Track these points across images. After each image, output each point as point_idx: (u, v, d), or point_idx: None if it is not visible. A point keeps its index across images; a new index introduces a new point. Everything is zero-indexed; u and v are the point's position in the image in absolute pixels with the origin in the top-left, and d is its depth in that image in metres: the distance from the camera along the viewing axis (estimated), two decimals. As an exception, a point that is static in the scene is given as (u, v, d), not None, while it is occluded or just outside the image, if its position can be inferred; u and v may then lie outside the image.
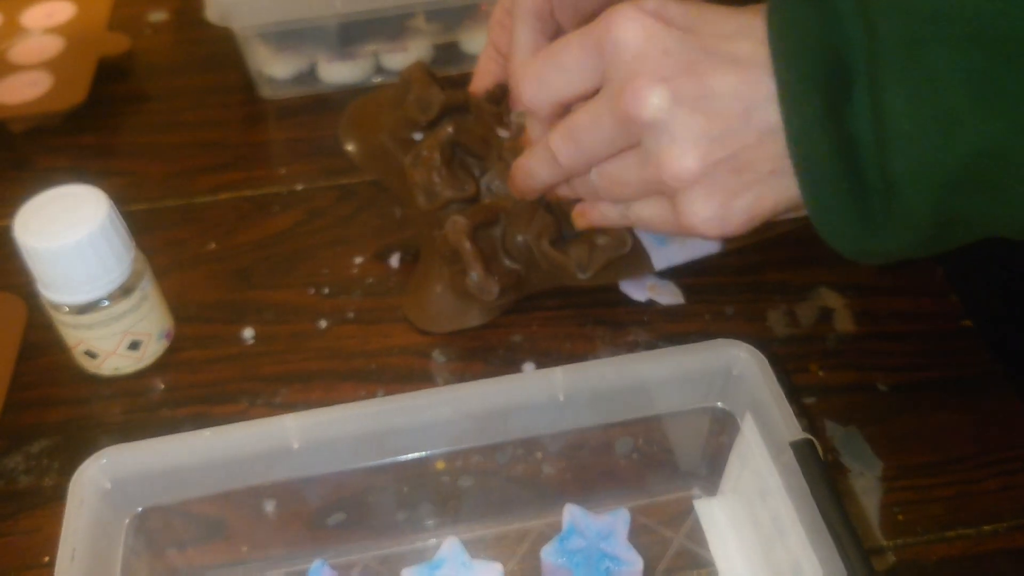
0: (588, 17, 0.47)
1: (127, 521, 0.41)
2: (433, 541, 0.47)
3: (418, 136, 0.61)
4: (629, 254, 0.55)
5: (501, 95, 0.58)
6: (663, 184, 0.41)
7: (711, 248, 0.57)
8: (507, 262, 0.55)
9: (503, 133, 0.56)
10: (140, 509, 0.42)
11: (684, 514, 0.47)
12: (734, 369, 0.43)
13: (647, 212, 0.44)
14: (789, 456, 0.40)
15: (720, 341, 0.44)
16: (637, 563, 0.43)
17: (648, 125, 0.39)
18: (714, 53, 0.39)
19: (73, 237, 0.48)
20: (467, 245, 0.53)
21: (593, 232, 0.54)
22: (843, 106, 0.37)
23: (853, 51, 0.36)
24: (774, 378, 0.42)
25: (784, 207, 0.41)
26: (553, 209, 0.55)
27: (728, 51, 0.39)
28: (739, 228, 0.42)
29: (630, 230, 0.55)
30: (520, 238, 0.55)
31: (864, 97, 0.36)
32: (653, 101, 0.38)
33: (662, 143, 0.39)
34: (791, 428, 0.40)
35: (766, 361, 0.43)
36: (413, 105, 0.60)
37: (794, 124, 0.37)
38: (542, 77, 0.43)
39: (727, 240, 0.56)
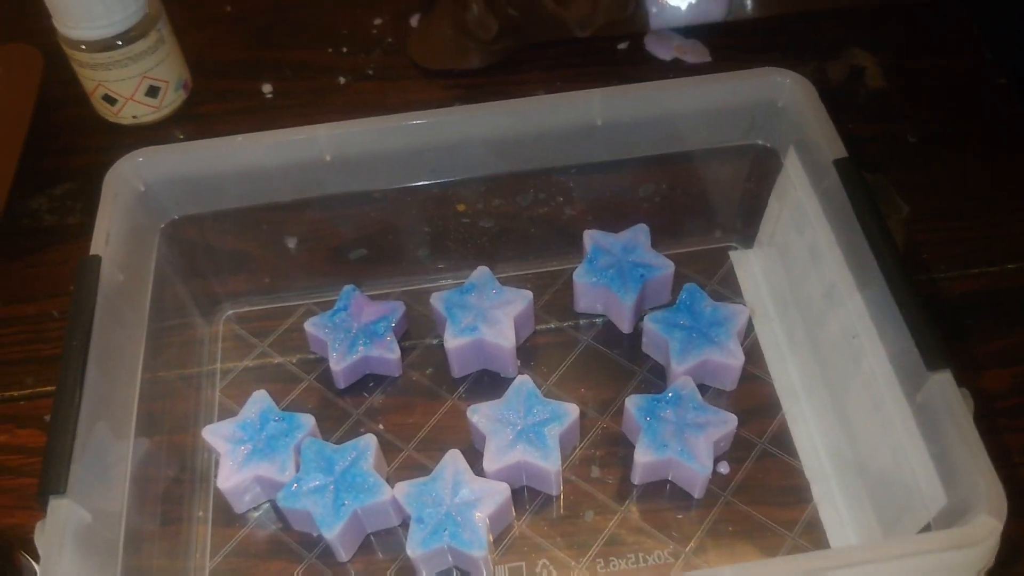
0: None
1: (161, 227, 0.41)
2: (456, 279, 0.47)
3: None
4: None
5: None
6: None
7: (714, 14, 0.56)
8: (508, 9, 0.54)
9: None
10: (174, 217, 0.42)
11: (718, 265, 0.47)
12: (779, 99, 0.42)
13: None
14: (832, 180, 0.39)
15: (765, 69, 0.42)
16: (668, 266, 0.43)
17: None
18: None
19: (87, -37, 0.47)
20: None
21: None
22: None
23: None
24: (821, 105, 0.41)
25: None
26: None
27: None
28: None
29: None
30: None
31: None
32: None
33: None
34: (836, 150, 0.39)
35: (813, 89, 0.42)
36: None
37: None
38: None
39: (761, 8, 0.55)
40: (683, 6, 0.56)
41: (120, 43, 0.50)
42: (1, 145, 0.51)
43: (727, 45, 0.56)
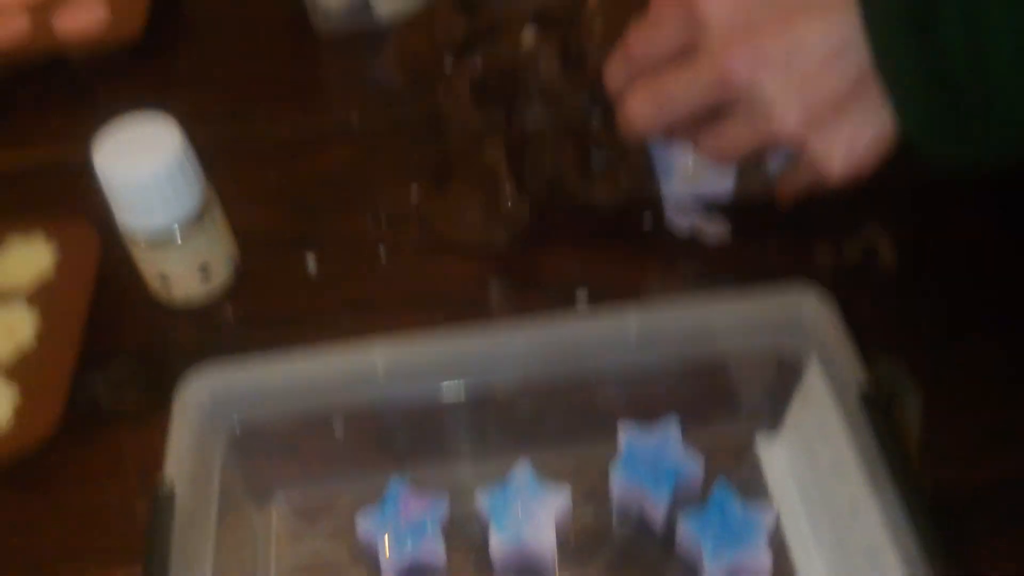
0: None
1: (224, 438, 0.44)
2: (498, 463, 0.49)
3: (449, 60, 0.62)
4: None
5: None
6: (780, 142, 0.45)
7: (720, 196, 0.59)
8: (533, 186, 0.58)
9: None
10: (236, 428, 0.44)
11: (745, 451, 0.49)
12: (804, 314, 0.45)
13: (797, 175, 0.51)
14: (853, 402, 0.42)
15: (789, 287, 0.46)
16: (699, 463, 0.46)
17: (745, 90, 0.44)
18: (798, 5, 0.42)
19: (152, 168, 0.50)
20: (503, 167, 0.56)
21: (619, 169, 0.57)
22: (931, 19, 0.39)
23: None
24: (841, 324, 0.44)
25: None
26: (583, 139, 0.58)
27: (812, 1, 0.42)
28: (869, 162, 0.45)
29: (647, 158, 0.58)
30: (548, 166, 0.58)
31: (953, 11, 0.38)
32: (744, 67, 0.43)
33: (760, 107, 0.44)
34: (858, 376, 0.43)
35: (835, 306, 0.45)
36: (438, 33, 0.62)
37: (879, 44, 0.40)
38: (646, 39, 0.48)
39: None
40: (692, 186, 0.59)
41: (177, 229, 0.53)
42: (63, 330, 0.53)
43: (745, 220, 0.59)
